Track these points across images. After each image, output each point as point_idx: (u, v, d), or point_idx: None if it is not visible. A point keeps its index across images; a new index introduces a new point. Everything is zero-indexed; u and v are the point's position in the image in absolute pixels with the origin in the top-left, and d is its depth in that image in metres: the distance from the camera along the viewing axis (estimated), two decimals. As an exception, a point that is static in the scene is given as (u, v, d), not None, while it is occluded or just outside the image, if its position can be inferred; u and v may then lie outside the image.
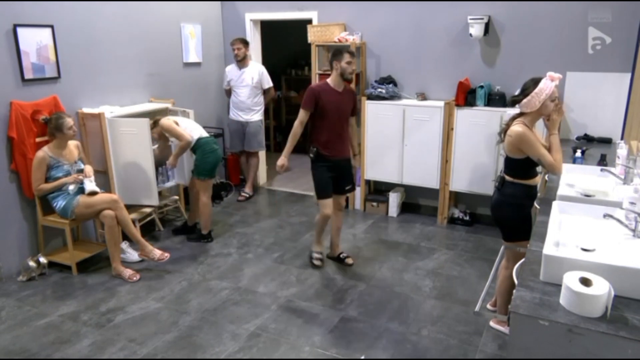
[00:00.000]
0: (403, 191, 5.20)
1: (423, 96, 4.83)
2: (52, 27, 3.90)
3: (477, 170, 4.54)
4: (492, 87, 4.51)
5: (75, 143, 3.92)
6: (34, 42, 3.79)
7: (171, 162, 4.31)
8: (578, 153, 3.47)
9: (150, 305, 3.44)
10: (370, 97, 4.84)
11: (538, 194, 2.86)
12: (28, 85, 3.80)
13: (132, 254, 4.06)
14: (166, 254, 3.94)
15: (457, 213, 4.88)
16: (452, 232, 4.69)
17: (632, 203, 2.17)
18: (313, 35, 5.05)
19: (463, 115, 4.50)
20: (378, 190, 5.36)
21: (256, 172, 5.88)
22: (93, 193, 3.77)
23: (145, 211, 4.51)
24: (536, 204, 2.71)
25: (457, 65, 4.69)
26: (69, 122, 3.71)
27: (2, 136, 3.69)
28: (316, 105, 3.58)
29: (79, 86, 4.20)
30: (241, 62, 5.35)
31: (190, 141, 4.22)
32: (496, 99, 4.40)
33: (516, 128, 2.66)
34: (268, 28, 6.22)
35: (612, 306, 1.55)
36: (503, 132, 2.81)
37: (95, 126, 4.19)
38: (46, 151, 3.71)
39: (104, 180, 4.23)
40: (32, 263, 3.76)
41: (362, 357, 2.85)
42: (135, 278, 3.78)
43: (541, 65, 4.19)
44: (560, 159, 2.64)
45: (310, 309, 3.38)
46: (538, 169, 2.83)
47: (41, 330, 3.15)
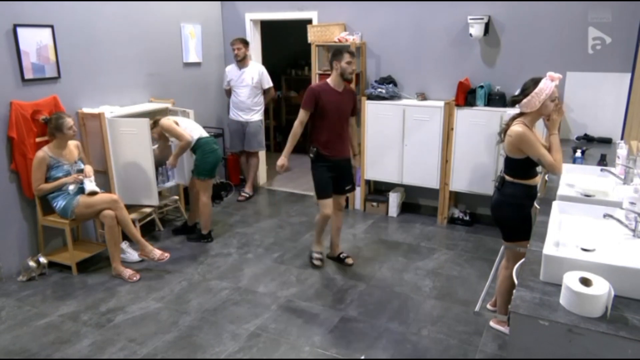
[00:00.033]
0: (403, 191, 5.20)
1: (423, 96, 4.83)
2: (52, 27, 3.90)
3: (477, 170, 4.54)
4: (492, 87, 4.51)
5: (75, 143, 3.92)
6: (34, 42, 3.79)
7: (171, 162, 4.31)
8: (578, 153, 3.47)
9: (150, 305, 3.44)
10: (370, 97, 4.84)
11: (538, 194, 2.86)
12: (28, 85, 3.80)
13: (132, 254, 4.06)
14: (166, 254, 3.94)
15: (457, 213, 4.88)
16: (452, 232, 4.69)
17: (632, 203, 2.17)
18: (313, 35, 5.05)
19: (463, 115, 4.50)
20: (378, 190, 5.36)
21: (256, 172, 5.88)
22: (93, 193, 3.77)
23: (145, 211, 4.51)
24: (536, 204, 2.71)
25: (457, 65, 4.69)
26: (69, 122, 3.71)
27: (2, 136, 3.69)
28: (316, 105, 3.59)
29: (79, 86, 4.20)
30: (241, 62, 5.35)
31: (190, 141, 4.22)
32: (496, 99, 4.40)
33: (516, 128, 2.66)
34: (268, 28, 6.22)
35: (612, 306, 1.55)
36: (503, 132, 2.81)
37: (95, 126, 4.19)
38: (46, 151, 3.71)
39: (104, 180, 4.23)
40: (32, 263, 3.77)
41: (362, 357, 2.85)
42: (135, 278, 3.78)
43: (541, 65, 4.19)
44: (560, 159, 2.65)
45: (310, 309, 3.38)
46: (538, 169, 2.83)
47: (41, 330, 3.15)
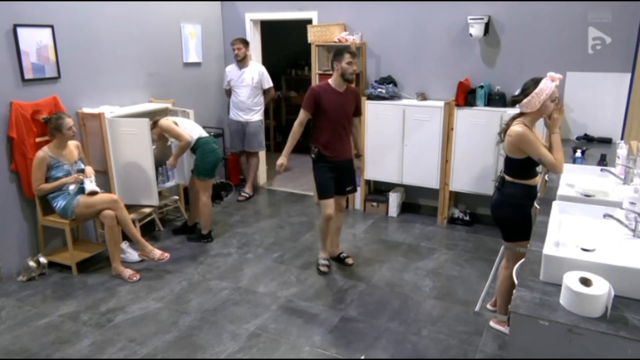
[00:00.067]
0: (403, 191, 5.20)
1: (423, 96, 4.83)
2: (52, 27, 3.90)
3: (477, 170, 4.54)
4: (492, 87, 4.51)
5: (75, 143, 3.92)
6: (34, 42, 3.79)
7: (171, 163, 4.32)
8: (578, 153, 3.47)
9: (150, 305, 3.44)
10: (370, 97, 4.84)
11: (538, 194, 2.86)
12: (28, 85, 3.80)
13: (132, 254, 4.06)
14: (166, 254, 3.94)
15: (457, 213, 4.88)
16: (452, 232, 4.69)
17: (632, 203, 2.17)
18: (313, 35, 5.05)
19: (463, 115, 4.50)
20: (378, 190, 5.36)
21: (256, 172, 5.88)
22: (93, 193, 3.77)
23: (145, 211, 4.51)
24: (536, 204, 2.71)
25: (457, 65, 4.69)
26: (69, 123, 3.71)
27: (2, 136, 3.69)
28: (317, 105, 3.57)
29: (79, 86, 4.20)
30: (241, 62, 5.35)
31: (189, 141, 4.22)
32: (496, 99, 4.40)
33: (516, 128, 2.66)
34: (268, 28, 6.22)
35: (612, 306, 1.55)
36: (503, 132, 2.81)
37: (95, 126, 4.19)
38: (46, 151, 3.71)
39: (104, 180, 4.23)
40: (32, 263, 3.76)
41: (362, 357, 2.85)
42: (135, 278, 3.78)
43: (541, 65, 4.19)
44: (561, 158, 2.64)
45: (310, 309, 3.38)
46: (538, 169, 2.83)
47: (41, 330, 3.15)
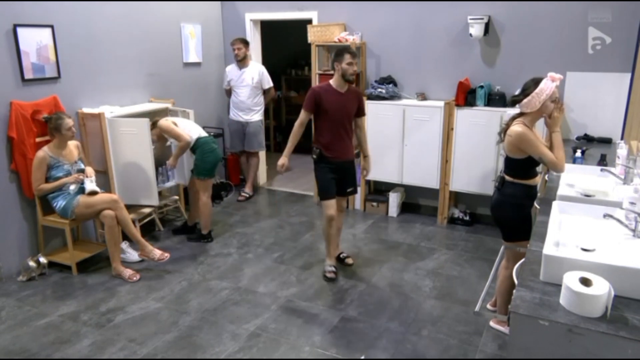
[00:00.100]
0: (403, 191, 5.20)
1: (423, 96, 4.83)
2: (52, 27, 3.90)
3: (477, 170, 4.54)
4: (492, 87, 4.51)
5: (75, 143, 3.92)
6: (34, 42, 3.79)
7: (171, 163, 4.32)
8: (578, 153, 3.47)
9: (150, 305, 3.44)
10: (370, 97, 4.84)
11: (538, 194, 2.86)
12: (28, 85, 3.80)
13: (132, 254, 4.06)
14: (166, 254, 3.94)
15: (457, 213, 4.88)
16: (452, 232, 4.69)
17: (632, 203, 2.17)
18: (313, 35, 5.05)
19: (463, 115, 4.50)
20: (378, 190, 5.36)
21: (256, 172, 5.88)
22: (93, 193, 3.78)
23: (145, 211, 4.51)
24: (536, 204, 2.71)
25: (457, 65, 4.69)
26: (68, 123, 3.70)
27: (2, 136, 3.69)
28: (317, 106, 3.56)
29: (79, 86, 4.20)
30: (241, 62, 5.35)
31: (189, 141, 4.22)
32: (496, 99, 4.40)
33: (516, 128, 2.66)
34: (268, 28, 6.22)
35: (612, 306, 1.55)
36: (503, 132, 2.81)
37: (95, 126, 4.19)
38: (46, 151, 3.71)
39: (104, 180, 4.23)
40: (32, 263, 3.76)
41: (362, 357, 2.85)
42: (135, 278, 3.78)
43: (541, 65, 4.19)
44: (562, 157, 2.64)
45: (310, 309, 3.38)
46: (538, 169, 2.83)
47: (41, 330, 3.15)
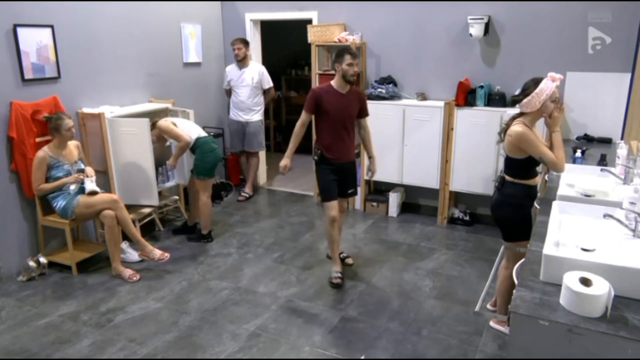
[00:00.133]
0: (403, 191, 5.20)
1: (423, 96, 4.83)
2: (52, 27, 3.90)
3: (477, 170, 4.54)
4: (492, 87, 4.51)
5: (75, 143, 3.92)
6: (34, 42, 3.79)
7: (171, 163, 4.32)
8: (578, 153, 3.47)
9: (150, 305, 3.44)
10: (370, 97, 4.83)
11: (538, 194, 2.86)
12: (28, 85, 3.80)
13: (132, 254, 4.06)
14: (166, 254, 3.94)
15: (457, 213, 4.88)
16: (452, 232, 4.69)
17: (632, 203, 2.17)
18: (313, 35, 5.04)
19: (463, 115, 4.50)
20: (378, 190, 5.36)
21: (256, 172, 5.88)
22: (93, 193, 3.78)
23: (145, 211, 4.51)
24: (536, 204, 2.71)
25: (457, 65, 4.69)
26: (68, 124, 3.70)
27: (2, 136, 3.69)
28: (318, 107, 3.55)
29: (79, 86, 4.20)
30: (241, 62, 5.35)
31: (189, 142, 4.23)
32: (496, 99, 4.40)
33: (516, 128, 2.66)
34: (268, 28, 6.22)
35: (612, 306, 1.55)
36: (503, 132, 2.81)
37: (95, 126, 4.19)
38: (46, 151, 3.71)
39: (104, 180, 4.22)
40: (32, 263, 3.76)
41: (362, 357, 2.85)
42: (135, 278, 3.78)
43: (541, 65, 4.19)
44: (562, 157, 2.64)
45: (310, 309, 3.38)
46: (538, 169, 2.83)
47: (41, 330, 3.15)
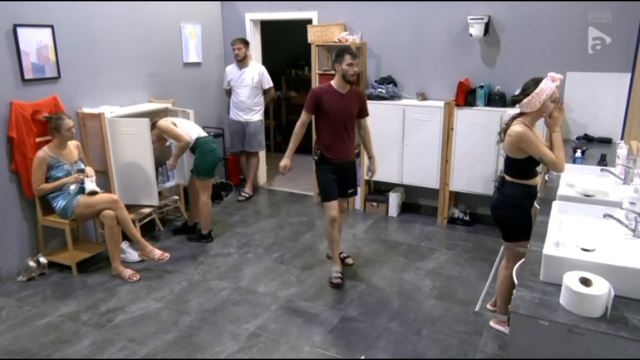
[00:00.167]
0: (403, 191, 5.20)
1: (423, 96, 4.83)
2: (52, 27, 3.90)
3: (477, 170, 4.54)
4: (492, 87, 4.51)
5: (75, 143, 3.92)
6: (34, 42, 3.79)
7: (171, 163, 4.32)
8: (578, 153, 3.47)
9: (150, 305, 3.44)
10: (370, 97, 4.83)
11: (538, 194, 2.86)
12: (28, 85, 3.80)
13: (132, 254, 4.06)
14: (166, 254, 3.94)
15: (457, 213, 4.88)
16: (452, 232, 4.69)
17: (632, 203, 2.17)
18: (313, 35, 5.04)
19: (463, 115, 4.50)
20: (378, 190, 5.36)
21: (256, 172, 5.88)
22: (93, 193, 3.78)
23: (145, 211, 4.51)
24: (536, 204, 2.71)
25: (457, 65, 4.69)
26: (68, 124, 3.70)
27: (2, 136, 3.69)
28: (318, 107, 3.55)
29: (79, 86, 4.20)
30: (241, 62, 5.35)
31: (189, 142, 4.23)
32: (496, 99, 4.40)
33: (516, 128, 2.66)
34: (268, 28, 6.22)
35: (612, 306, 1.55)
36: (503, 132, 2.81)
37: (95, 126, 4.19)
38: (46, 151, 3.71)
39: (104, 180, 4.22)
40: (32, 263, 3.76)
41: (362, 357, 2.85)
42: (135, 278, 3.78)
43: (541, 65, 4.19)
44: (562, 157, 2.64)
45: (310, 309, 3.38)
46: (538, 169, 2.83)
47: (41, 330, 3.15)
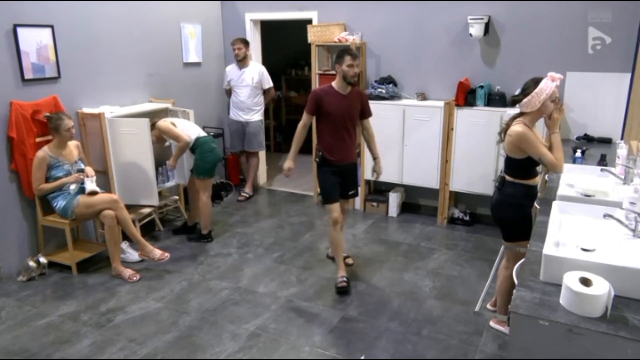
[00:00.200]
0: (403, 191, 5.20)
1: (423, 96, 4.83)
2: (52, 27, 3.90)
3: (477, 170, 4.54)
4: (492, 87, 4.51)
5: (75, 143, 3.92)
6: (34, 42, 3.79)
7: (171, 164, 4.33)
8: (578, 153, 3.47)
9: (150, 305, 3.44)
10: (370, 97, 4.80)
11: (538, 194, 2.86)
12: (28, 85, 3.80)
13: (132, 254, 4.06)
14: (166, 254, 3.94)
15: (457, 213, 4.88)
16: (452, 232, 4.69)
17: (632, 203, 2.17)
18: (313, 35, 5.04)
19: (463, 115, 4.50)
20: (378, 190, 5.36)
21: (256, 172, 5.88)
22: (93, 193, 3.78)
23: (145, 211, 4.51)
24: (536, 204, 2.71)
25: (457, 65, 4.68)
26: (67, 124, 3.70)
27: (2, 136, 3.69)
28: (319, 108, 3.53)
29: (79, 86, 4.20)
30: (241, 62, 5.35)
31: (188, 142, 4.23)
32: (496, 99, 4.40)
33: (516, 128, 2.66)
34: (268, 28, 6.22)
35: (612, 306, 1.55)
36: (503, 132, 2.81)
37: (95, 126, 4.19)
38: (46, 151, 3.71)
39: (104, 180, 4.22)
40: (32, 263, 3.76)
41: (362, 357, 2.85)
42: (135, 278, 3.78)
43: (541, 65, 4.19)
44: (561, 158, 2.65)
45: (310, 309, 3.38)
46: (538, 169, 2.83)
47: (41, 330, 3.15)
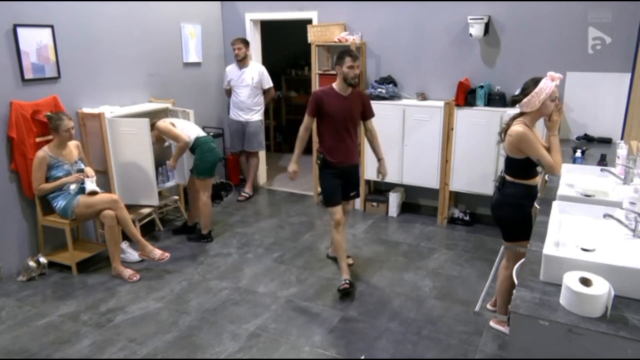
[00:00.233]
0: (403, 191, 5.20)
1: (423, 96, 4.83)
2: (52, 27, 3.90)
3: (477, 170, 4.54)
4: (492, 87, 4.50)
5: (75, 143, 3.92)
6: (34, 42, 3.79)
7: (171, 164, 4.33)
8: (578, 153, 3.47)
9: (150, 305, 3.44)
10: (370, 97, 4.80)
11: (538, 194, 2.86)
12: (28, 85, 3.80)
13: (132, 254, 4.06)
14: (166, 254, 3.94)
15: (457, 213, 4.88)
16: (452, 232, 4.69)
17: (632, 203, 2.17)
18: (313, 35, 5.04)
19: (463, 115, 4.50)
20: (378, 190, 5.36)
21: (256, 172, 5.88)
22: (93, 193, 3.78)
23: (145, 211, 4.51)
24: (536, 204, 2.71)
25: (457, 65, 4.68)
26: (67, 125, 3.70)
27: (2, 136, 3.69)
28: (320, 110, 3.51)
29: (79, 86, 4.20)
30: (241, 62, 5.35)
31: (187, 142, 4.23)
32: (496, 99, 4.40)
33: (516, 128, 2.66)
34: (268, 28, 6.22)
35: (612, 306, 1.55)
36: (503, 132, 2.81)
37: (95, 126, 4.19)
38: (46, 151, 3.71)
39: (104, 180, 4.22)
40: (32, 263, 3.76)
41: (362, 357, 2.85)
42: (135, 278, 3.78)
43: (541, 65, 4.19)
44: (559, 160, 2.65)
45: (310, 309, 3.38)
46: (538, 169, 2.83)
47: (41, 330, 3.15)
